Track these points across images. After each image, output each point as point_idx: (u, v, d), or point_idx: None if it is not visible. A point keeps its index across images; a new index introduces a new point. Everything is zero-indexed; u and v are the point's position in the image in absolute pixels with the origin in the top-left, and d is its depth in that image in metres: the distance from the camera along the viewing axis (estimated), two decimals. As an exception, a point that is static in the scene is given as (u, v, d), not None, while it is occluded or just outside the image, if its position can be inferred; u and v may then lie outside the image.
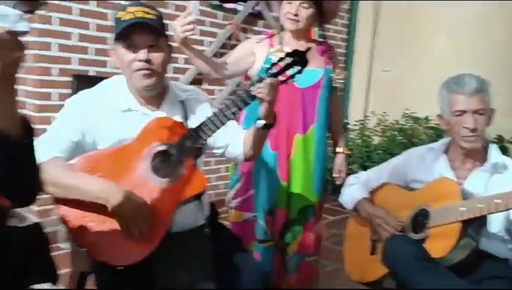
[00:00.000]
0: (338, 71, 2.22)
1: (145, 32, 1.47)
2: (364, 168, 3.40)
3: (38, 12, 2.15)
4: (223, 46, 3.71)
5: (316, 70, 2.10)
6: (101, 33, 3.00)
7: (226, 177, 4.09)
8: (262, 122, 1.55)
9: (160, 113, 1.58)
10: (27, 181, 1.09)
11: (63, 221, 1.43)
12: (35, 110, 2.80)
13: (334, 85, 2.22)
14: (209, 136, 1.53)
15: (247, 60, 2.13)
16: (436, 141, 1.94)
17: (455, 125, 1.69)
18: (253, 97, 1.50)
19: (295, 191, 2.16)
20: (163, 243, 1.44)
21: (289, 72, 1.52)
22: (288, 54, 1.52)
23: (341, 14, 4.50)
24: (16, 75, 0.97)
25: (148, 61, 1.48)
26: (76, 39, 2.91)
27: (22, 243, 1.17)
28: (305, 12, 2.04)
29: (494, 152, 1.73)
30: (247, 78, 2.20)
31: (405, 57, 4.42)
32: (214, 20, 3.69)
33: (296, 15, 2.03)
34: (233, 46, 3.77)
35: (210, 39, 3.63)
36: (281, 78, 1.51)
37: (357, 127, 4.48)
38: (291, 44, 2.02)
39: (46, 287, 1.15)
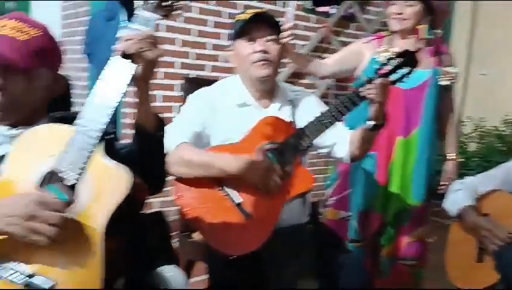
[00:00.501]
0: (446, 69, 2.12)
1: (263, 26, 1.58)
2: (460, 175, 3.25)
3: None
4: (315, 49, 3.75)
5: (422, 71, 2.03)
6: (202, 38, 3.16)
7: (317, 180, 4.11)
8: (372, 123, 1.55)
9: (272, 109, 1.65)
10: (159, 171, 1.19)
11: (181, 210, 1.55)
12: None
13: (445, 85, 2.12)
14: (317, 136, 1.57)
15: (354, 59, 2.14)
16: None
17: None
18: (363, 98, 1.52)
19: (392, 194, 2.12)
20: (271, 238, 1.50)
21: (399, 72, 1.52)
22: (398, 55, 1.52)
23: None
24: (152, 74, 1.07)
25: (265, 52, 1.57)
26: (179, 44, 3.10)
27: (151, 227, 1.27)
28: (411, 9, 2.02)
29: None
30: (352, 79, 2.21)
31: (505, 59, 4.17)
32: (306, 23, 3.73)
33: (400, 14, 2.02)
34: (325, 50, 3.82)
35: (302, 42, 3.67)
36: (391, 78, 1.51)
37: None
38: (400, 45, 2.00)
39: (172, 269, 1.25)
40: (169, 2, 1.06)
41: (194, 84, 1.92)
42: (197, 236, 1.70)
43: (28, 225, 0.90)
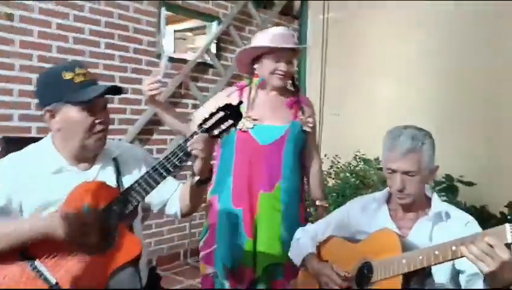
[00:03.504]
0: (305, 118, 2.18)
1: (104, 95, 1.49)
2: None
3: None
4: (173, 95, 3.72)
5: (279, 126, 2.10)
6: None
7: (181, 229, 3.98)
8: (196, 178, 1.52)
9: (93, 171, 1.54)
10: None
11: None
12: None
13: (308, 131, 2.19)
14: (143, 197, 1.48)
15: None
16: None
17: (388, 180, 1.69)
18: (189, 154, 1.46)
19: (260, 248, 2.09)
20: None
21: (223, 126, 1.49)
22: (220, 108, 1.49)
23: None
24: None
25: (105, 122, 1.50)
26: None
27: None
28: (291, 67, 2.13)
29: (436, 202, 1.71)
30: None
31: (352, 100, 4.55)
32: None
33: (285, 71, 2.09)
34: (183, 95, 3.80)
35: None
36: (215, 132, 1.46)
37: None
38: (261, 96, 2.12)
39: None
40: None
41: (11, 143, 1.73)
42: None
43: None
